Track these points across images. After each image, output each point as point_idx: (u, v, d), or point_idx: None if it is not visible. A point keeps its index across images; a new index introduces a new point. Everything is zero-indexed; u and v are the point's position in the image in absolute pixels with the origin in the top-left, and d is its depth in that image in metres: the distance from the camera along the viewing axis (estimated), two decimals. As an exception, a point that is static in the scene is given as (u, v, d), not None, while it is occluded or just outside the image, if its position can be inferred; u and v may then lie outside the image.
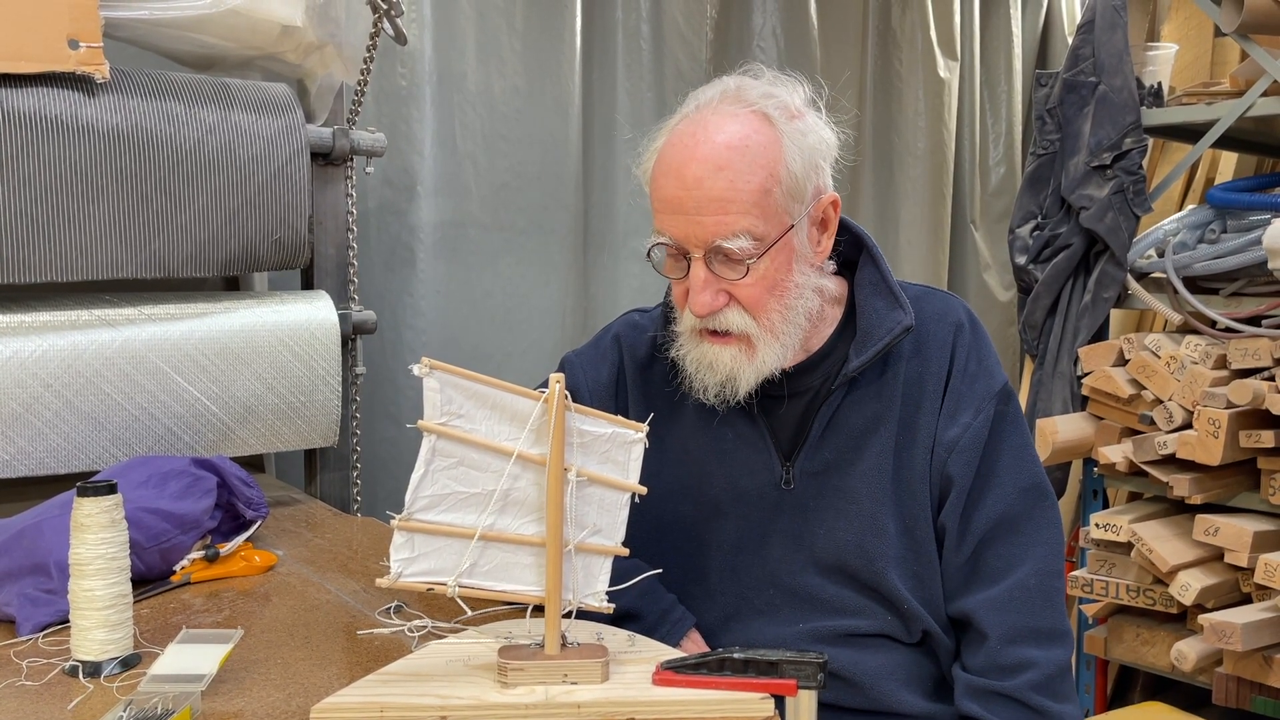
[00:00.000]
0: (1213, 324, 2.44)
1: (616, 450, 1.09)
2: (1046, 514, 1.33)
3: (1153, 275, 2.63)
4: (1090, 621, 2.60)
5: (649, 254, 1.29)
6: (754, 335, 1.25)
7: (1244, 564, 2.22)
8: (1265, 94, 2.44)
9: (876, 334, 1.30)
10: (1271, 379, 2.24)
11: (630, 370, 1.42)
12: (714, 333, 1.26)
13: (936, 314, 1.35)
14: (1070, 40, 2.86)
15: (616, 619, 1.18)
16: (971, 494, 1.31)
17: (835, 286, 1.36)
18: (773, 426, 1.34)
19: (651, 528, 1.34)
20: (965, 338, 1.34)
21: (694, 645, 1.31)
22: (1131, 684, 2.95)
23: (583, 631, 1.13)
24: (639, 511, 1.32)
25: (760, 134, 1.22)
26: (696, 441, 1.36)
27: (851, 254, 1.39)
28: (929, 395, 1.32)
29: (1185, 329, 2.51)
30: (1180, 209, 3.14)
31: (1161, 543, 2.33)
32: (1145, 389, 2.43)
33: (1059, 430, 2.48)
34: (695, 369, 1.29)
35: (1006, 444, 1.32)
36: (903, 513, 1.31)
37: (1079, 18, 2.99)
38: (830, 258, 1.35)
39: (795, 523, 1.32)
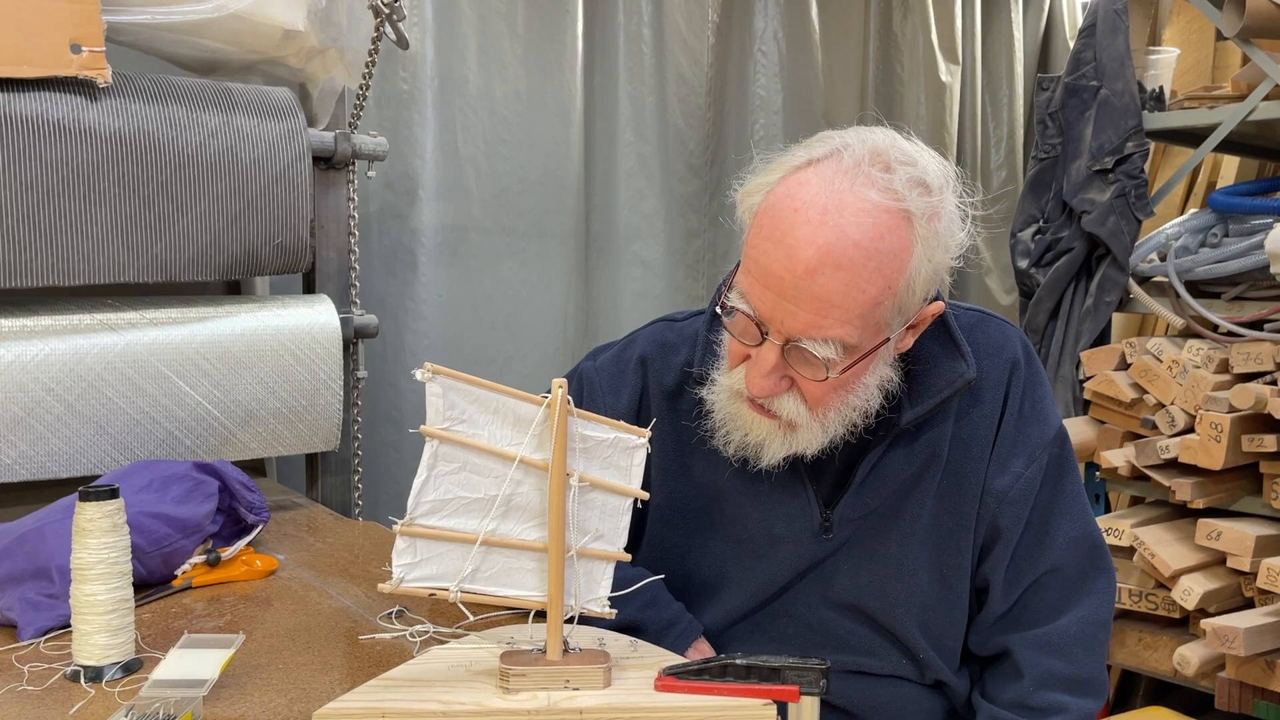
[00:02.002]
0: (1215, 328, 2.43)
1: (619, 455, 1.08)
2: (1098, 564, 1.27)
3: (1155, 279, 2.63)
4: (1092, 626, 2.59)
5: (721, 307, 1.15)
6: (801, 423, 1.14)
7: (1246, 568, 2.21)
8: (1267, 98, 2.44)
9: (935, 386, 1.20)
10: (1274, 383, 2.24)
11: (656, 400, 1.30)
12: (759, 405, 1.15)
13: (992, 347, 1.25)
14: (1072, 44, 2.86)
15: (620, 631, 1.17)
16: (1020, 546, 1.25)
17: None
18: (814, 473, 1.24)
19: (672, 557, 1.31)
20: (1021, 377, 1.25)
21: (701, 654, 1.29)
22: (1134, 689, 2.95)
23: (585, 637, 1.13)
24: (658, 536, 1.30)
25: (895, 238, 1.05)
26: (729, 480, 1.26)
27: None
28: (979, 440, 1.23)
29: (1187, 333, 2.51)
30: (1182, 213, 3.13)
31: (1164, 547, 2.33)
32: (1147, 393, 2.42)
33: (1061, 434, 2.47)
34: (723, 422, 1.19)
35: (1060, 494, 1.26)
36: (938, 560, 1.25)
37: (1080, 22, 3.00)
38: None
39: (824, 563, 1.27)
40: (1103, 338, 2.68)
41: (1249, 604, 2.29)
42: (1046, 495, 1.26)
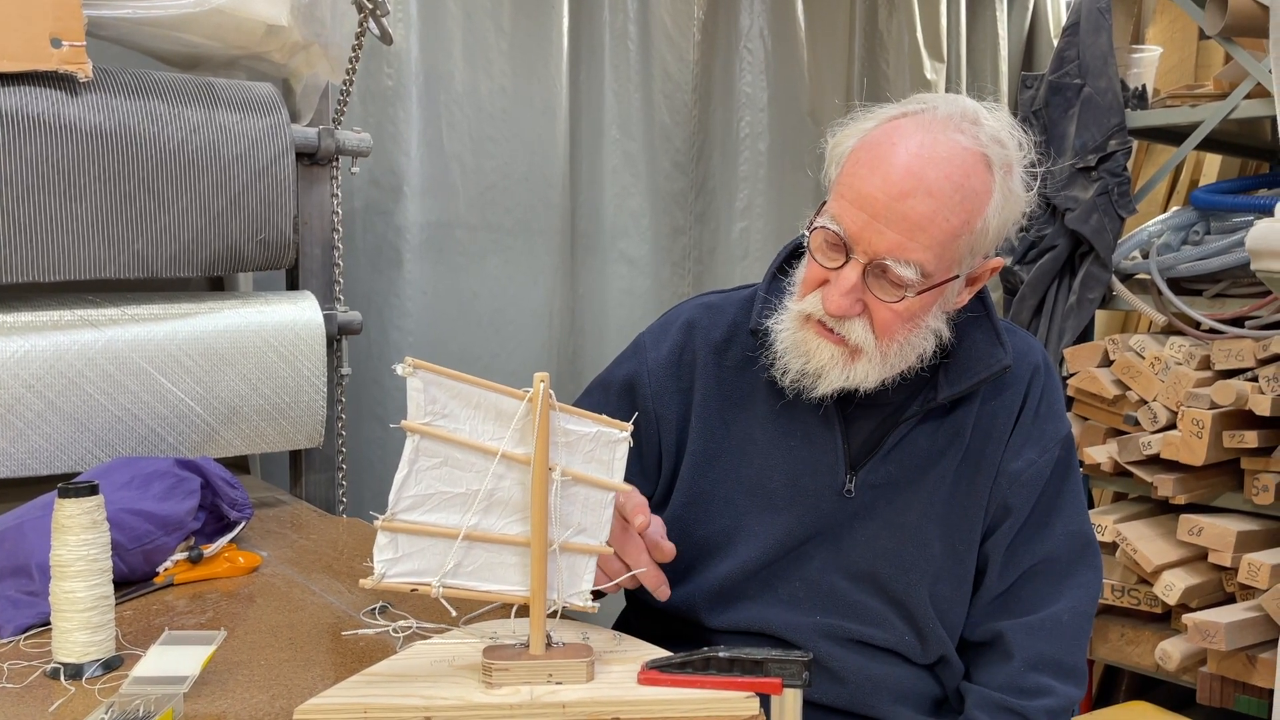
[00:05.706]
0: (1197, 325, 2.45)
1: (601, 449, 1.08)
2: (1090, 561, 1.34)
3: (1137, 276, 2.65)
4: (1075, 621, 2.61)
5: (809, 228, 1.23)
6: (865, 351, 1.21)
7: (1227, 564, 2.23)
8: (1248, 96, 2.46)
9: (973, 368, 1.29)
10: (1254, 380, 2.25)
11: (702, 353, 1.37)
12: (828, 329, 1.22)
13: (1018, 354, 1.34)
14: (1055, 42, 2.88)
15: None
16: (1024, 528, 1.32)
17: None
18: (846, 433, 1.31)
19: (699, 504, 1.34)
20: (1040, 380, 1.35)
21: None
22: (1116, 684, 2.97)
23: (568, 631, 1.13)
24: (689, 484, 1.34)
25: (978, 179, 1.18)
26: (764, 433, 1.32)
27: None
28: (999, 430, 1.32)
29: (1169, 330, 2.53)
30: (1164, 211, 3.15)
31: (1146, 543, 2.35)
32: (1130, 390, 2.44)
33: (1044, 431, 2.49)
34: (786, 350, 1.25)
35: (1065, 488, 1.34)
36: (951, 535, 1.30)
37: (1064, 20, 3.01)
38: None
39: (840, 527, 1.31)
40: (1086, 335, 2.70)
41: (1230, 599, 2.31)
42: (1053, 488, 1.33)
